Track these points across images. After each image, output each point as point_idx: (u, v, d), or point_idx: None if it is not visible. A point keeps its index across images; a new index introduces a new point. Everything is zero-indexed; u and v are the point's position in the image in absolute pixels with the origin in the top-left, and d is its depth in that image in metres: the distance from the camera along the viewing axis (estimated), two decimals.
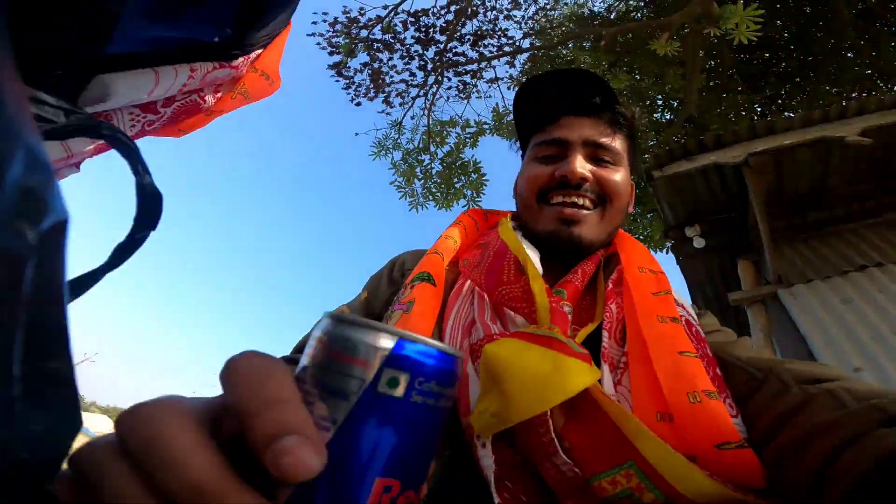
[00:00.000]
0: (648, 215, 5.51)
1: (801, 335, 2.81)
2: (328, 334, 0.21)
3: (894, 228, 3.18)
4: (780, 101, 6.00)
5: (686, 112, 4.36)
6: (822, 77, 5.62)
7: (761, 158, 3.02)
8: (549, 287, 0.52)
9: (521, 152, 0.78)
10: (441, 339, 0.51)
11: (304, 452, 0.18)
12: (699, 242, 3.25)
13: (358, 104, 6.32)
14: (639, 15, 6.67)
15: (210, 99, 0.72)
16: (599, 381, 0.42)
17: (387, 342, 0.20)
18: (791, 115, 3.18)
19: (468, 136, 6.07)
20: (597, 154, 0.65)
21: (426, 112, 6.24)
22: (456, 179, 5.85)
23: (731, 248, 3.37)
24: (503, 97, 6.27)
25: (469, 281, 0.57)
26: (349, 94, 6.26)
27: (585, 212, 0.62)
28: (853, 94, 5.59)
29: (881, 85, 5.59)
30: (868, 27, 5.52)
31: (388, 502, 0.19)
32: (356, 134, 6.49)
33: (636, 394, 0.43)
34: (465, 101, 6.54)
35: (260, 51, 0.72)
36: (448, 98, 6.48)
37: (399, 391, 0.20)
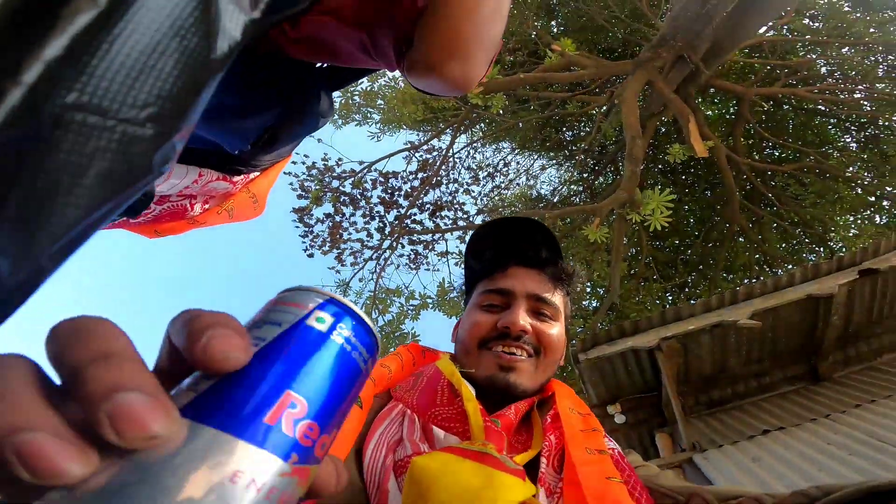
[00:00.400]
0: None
1: None
2: (278, 294, 0.24)
3: (788, 398, 3.60)
4: (686, 290, 6.78)
5: (610, 300, 4.82)
6: (720, 264, 6.41)
7: (670, 343, 3.47)
8: (484, 410, 0.54)
9: (465, 297, 0.78)
10: (362, 459, 0.49)
11: (144, 411, 0.16)
12: (620, 419, 3.59)
13: (311, 255, 6.18)
14: (577, 200, 7.56)
15: (198, 208, 0.70)
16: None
17: (322, 297, 0.23)
18: (694, 301, 3.71)
19: (411, 307, 6.05)
20: (538, 308, 0.67)
21: (375, 277, 6.22)
22: (392, 349, 5.68)
23: (648, 422, 3.71)
24: (450, 273, 6.41)
25: (400, 405, 0.57)
26: (305, 242, 6.15)
27: (522, 361, 0.63)
28: (744, 280, 6.41)
29: (766, 270, 6.47)
30: (754, 211, 6.50)
31: (292, 422, 0.19)
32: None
33: None
34: (414, 272, 6.54)
35: (257, 173, 0.73)
36: (399, 266, 6.54)
37: (323, 327, 0.22)
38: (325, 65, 0.66)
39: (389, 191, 6.38)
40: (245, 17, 0.33)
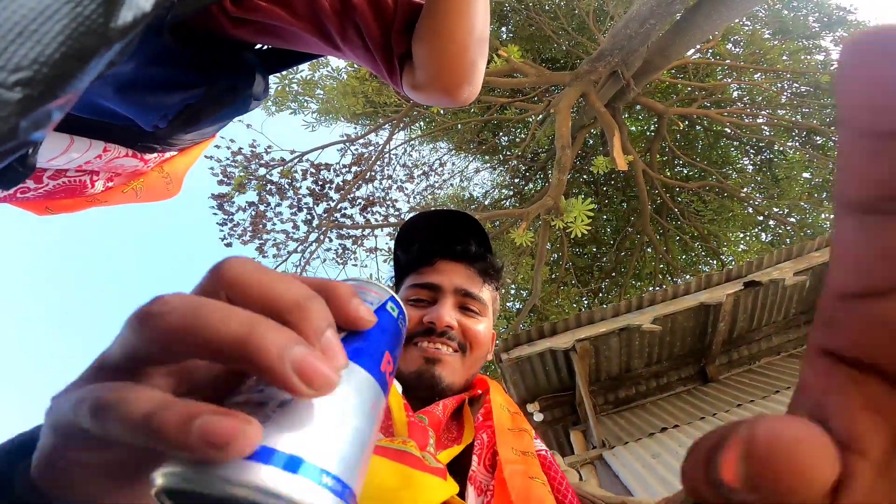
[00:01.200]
0: None
1: (625, 486, 3.22)
2: (354, 282, 0.29)
3: (682, 398, 3.97)
4: (600, 294, 7.24)
5: (531, 302, 5.06)
6: (630, 272, 6.86)
7: (584, 344, 3.68)
8: (409, 406, 0.53)
9: (394, 289, 0.75)
10: None
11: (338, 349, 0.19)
12: (539, 417, 3.77)
13: (228, 245, 5.82)
14: (507, 204, 7.75)
15: (100, 185, 0.65)
16: (464, 499, 0.43)
17: (388, 292, 0.30)
18: (605, 306, 3.97)
19: None
20: (465, 303, 0.66)
21: (300, 271, 5.87)
22: None
23: (563, 420, 3.94)
24: (378, 269, 6.29)
25: None
26: (223, 231, 5.77)
27: (447, 355, 0.62)
28: (650, 288, 6.94)
29: (668, 279, 7.04)
30: (662, 224, 6.98)
31: (388, 372, 0.25)
32: None
33: None
34: (342, 267, 6.33)
35: (174, 153, 0.68)
36: (325, 260, 6.29)
37: (394, 314, 0.28)
38: (266, 46, 0.63)
39: (320, 182, 6.13)
40: None
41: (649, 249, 7.06)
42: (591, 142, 7.81)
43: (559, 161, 4.36)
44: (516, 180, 8.21)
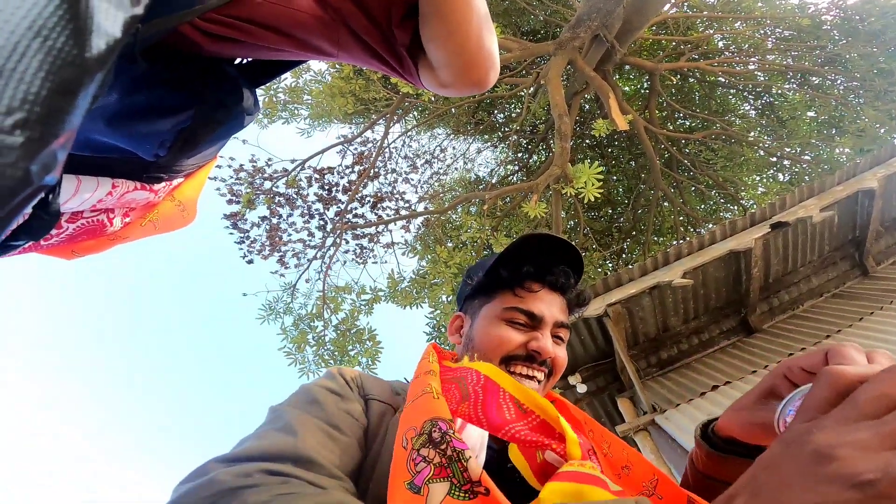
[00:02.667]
0: None
1: (685, 449, 3.01)
2: None
3: (727, 353, 3.71)
4: (623, 256, 7.04)
5: None
6: (650, 228, 6.70)
7: (616, 308, 3.45)
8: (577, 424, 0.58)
9: (470, 283, 0.76)
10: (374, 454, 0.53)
11: None
12: (582, 388, 3.54)
13: (250, 262, 5.81)
14: (514, 179, 7.61)
15: (118, 222, 0.65)
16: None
17: None
18: (631, 266, 3.73)
19: (363, 302, 5.89)
20: (557, 332, 0.69)
21: (322, 276, 5.96)
22: (351, 347, 5.57)
23: (607, 389, 3.70)
24: (398, 263, 6.37)
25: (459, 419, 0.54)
26: (242, 249, 5.77)
27: (540, 380, 0.65)
28: (673, 242, 6.74)
29: (691, 230, 6.82)
30: (674, 177, 6.87)
31: None
32: (244, 294, 5.99)
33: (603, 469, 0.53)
34: (362, 266, 6.35)
35: (181, 179, 0.68)
36: (345, 262, 6.31)
37: None
38: (245, 61, 0.62)
39: (326, 187, 6.08)
40: (124, 14, 0.31)
41: (666, 204, 6.90)
42: (588, 107, 7.67)
43: (559, 129, 4.29)
44: (519, 154, 8.12)
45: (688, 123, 7.54)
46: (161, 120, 0.54)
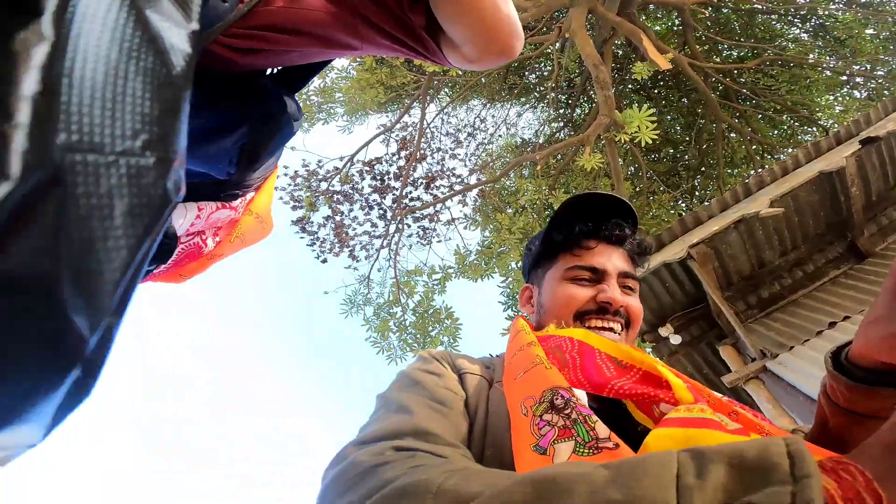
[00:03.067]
0: None
1: (807, 396, 2.72)
2: None
3: (839, 283, 3.32)
4: (697, 193, 6.59)
5: None
6: (720, 162, 6.26)
7: (700, 249, 3.16)
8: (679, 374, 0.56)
9: (530, 254, 0.79)
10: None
11: None
12: (676, 339, 3.29)
13: (324, 261, 6.08)
14: (562, 135, 7.35)
15: (211, 243, 0.68)
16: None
17: None
18: (709, 203, 3.43)
19: (435, 282, 5.90)
20: (625, 283, 0.69)
21: (392, 263, 6.07)
22: (430, 328, 5.65)
23: (704, 337, 3.42)
24: (462, 238, 6.29)
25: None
26: (314, 250, 6.04)
27: (616, 334, 0.65)
28: (751, 172, 6.24)
29: (768, 157, 6.28)
30: (735, 107, 6.35)
31: None
32: (325, 293, 6.22)
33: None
34: (428, 247, 6.35)
35: (253, 193, 0.71)
36: (411, 246, 6.33)
37: None
38: (276, 70, 0.64)
39: (378, 177, 6.21)
40: (185, 30, 0.31)
41: (733, 135, 6.36)
42: (621, 52, 7.29)
43: (597, 79, 4.16)
44: (561, 111, 7.80)
45: (735, 54, 6.99)
46: (223, 139, 0.56)
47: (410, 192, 6.38)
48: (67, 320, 0.21)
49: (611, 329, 0.65)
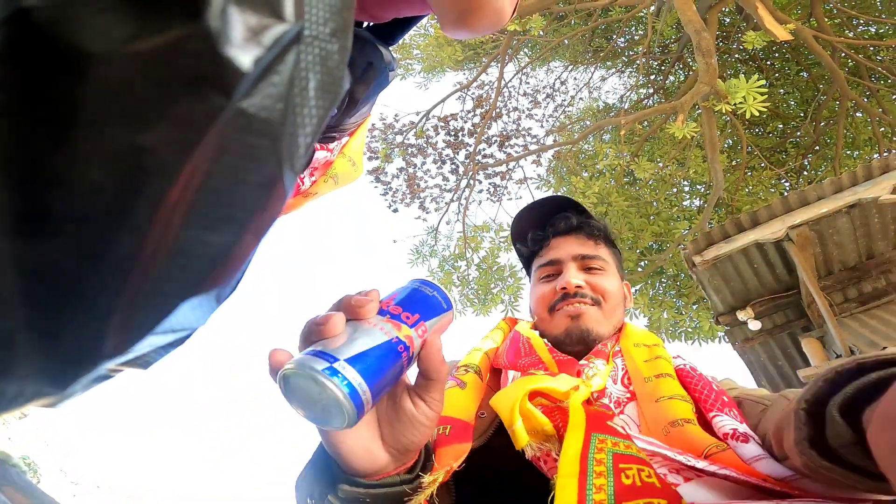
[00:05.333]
0: (693, 306, 5.08)
1: None
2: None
3: None
4: (805, 173, 5.81)
5: (715, 194, 4.17)
6: (839, 142, 5.47)
7: (801, 231, 2.78)
8: (552, 348, 0.64)
9: (528, 277, 0.85)
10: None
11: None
12: (755, 325, 2.94)
13: (395, 210, 6.22)
14: (650, 102, 6.81)
15: (307, 181, 0.70)
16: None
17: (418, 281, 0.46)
18: (821, 183, 2.97)
19: (502, 239, 5.76)
20: (586, 265, 0.71)
21: (461, 217, 6.01)
22: (493, 285, 5.61)
23: (788, 326, 3.03)
24: (533, 197, 6.07)
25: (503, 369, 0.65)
26: (387, 200, 6.18)
27: (587, 308, 0.67)
28: (874, 155, 5.37)
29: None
30: (866, 85, 5.44)
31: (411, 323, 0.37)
32: (395, 241, 6.34)
33: (643, 420, 0.52)
34: (498, 203, 6.22)
35: (347, 137, 0.74)
36: (480, 202, 6.37)
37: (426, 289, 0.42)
38: (368, 25, 0.63)
39: (452, 132, 6.17)
40: None
41: (859, 114, 5.49)
42: (728, 20, 6.49)
43: (699, 46, 3.76)
44: (652, 77, 7.10)
45: (873, 30, 6.05)
46: None
47: (484, 150, 6.28)
48: (281, 170, 0.22)
49: (578, 313, 0.66)
